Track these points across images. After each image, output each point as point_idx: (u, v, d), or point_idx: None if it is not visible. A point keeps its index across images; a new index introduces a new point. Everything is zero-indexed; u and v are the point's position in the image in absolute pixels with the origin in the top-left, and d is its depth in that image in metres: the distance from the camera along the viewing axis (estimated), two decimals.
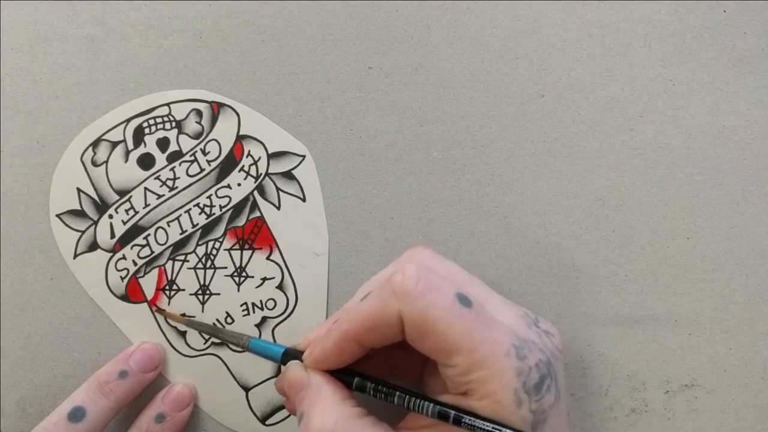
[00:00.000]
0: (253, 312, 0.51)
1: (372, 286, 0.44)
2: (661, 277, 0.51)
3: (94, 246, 0.51)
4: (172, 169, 0.51)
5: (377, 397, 0.42)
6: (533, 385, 0.38)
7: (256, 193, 0.51)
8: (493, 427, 0.37)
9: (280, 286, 0.51)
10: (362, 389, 0.42)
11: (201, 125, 0.51)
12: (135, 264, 0.51)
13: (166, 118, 0.52)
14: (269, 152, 0.52)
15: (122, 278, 0.51)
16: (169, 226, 0.51)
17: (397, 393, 0.41)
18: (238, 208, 0.51)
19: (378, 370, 0.45)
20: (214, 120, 0.52)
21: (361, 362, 0.43)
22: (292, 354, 0.45)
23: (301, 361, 0.44)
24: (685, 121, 0.52)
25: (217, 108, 0.52)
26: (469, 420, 0.38)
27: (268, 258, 0.51)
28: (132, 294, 0.51)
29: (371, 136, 0.52)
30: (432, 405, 0.40)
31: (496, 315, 0.41)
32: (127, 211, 0.51)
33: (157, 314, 0.51)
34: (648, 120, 0.52)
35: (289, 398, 0.44)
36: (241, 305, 0.51)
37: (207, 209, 0.51)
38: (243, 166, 0.51)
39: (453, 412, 0.39)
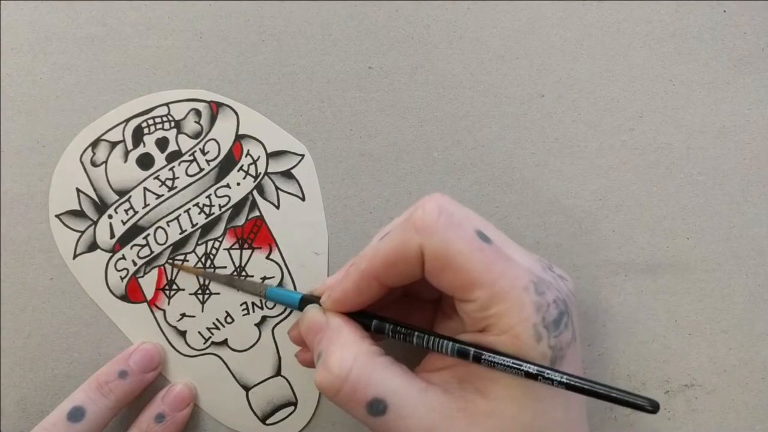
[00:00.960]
0: (253, 311, 0.51)
1: (388, 229, 0.44)
2: (661, 277, 0.51)
3: (93, 246, 0.51)
4: (171, 169, 0.51)
5: (396, 338, 0.42)
6: (552, 320, 0.39)
7: (255, 192, 0.51)
8: (513, 363, 0.38)
9: (280, 286, 0.51)
10: (381, 331, 0.43)
11: (200, 125, 0.51)
12: (135, 264, 0.51)
13: (165, 118, 0.52)
14: (268, 151, 0.52)
15: (122, 278, 0.51)
16: (168, 225, 0.51)
17: (416, 333, 0.41)
18: (237, 208, 0.51)
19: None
20: (213, 120, 0.52)
21: (374, 311, 0.44)
22: (309, 299, 0.46)
23: (319, 305, 0.44)
24: (685, 121, 0.52)
25: (216, 108, 0.52)
26: (489, 356, 0.38)
27: (267, 257, 0.51)
28: (132, 294, 0.51)
29: (371, 136, 0.52)
30: (452, 343, 0.40)
31: (514, 255, 0.41)
32: (126, 211, 0.51)
33: (154, 313, 0.51)
34: (648, 120, 0.52)
35: (307, 342, 0.44)
36: (241, 305, 0.51)
37: (206, 209, 0.51)
38: (242, 165, 0.51)
39: (473, 350, 0.39)
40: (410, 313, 0.46)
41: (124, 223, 0.51)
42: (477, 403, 0.39)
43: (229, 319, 0.51)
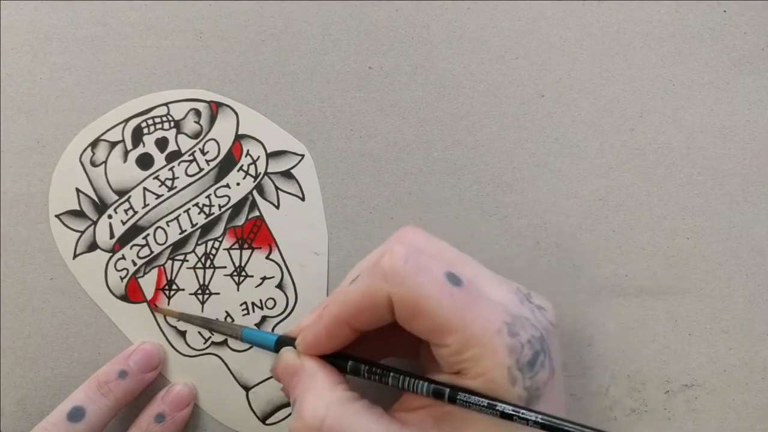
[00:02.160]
0: (253, 311, 0.51)
1: (361, 269, 0.44)
2: (661, 277, 0.51)
3: (93, 246, 0.51)
4: (170, 169, 0.51)
5: (371, 379, 0.42)
6: (526, 362, 0.38)
7: (255, 192, 0.51)
8: (488, 403, 0.37)
9: (280, 286, 0.51)
10: (356, 372, 0.42)
11: (200, 125, 0.51)
12: (134, 264, 0.51)
13: (164, 118, 0.52)
14: (268, 151, 0.52)
15: (122, 278, 0.51)
16: (168, 225, 0.51)
17: (391, 374, 0.41)
18: (237, 208, 0.51)
19: (372, 352, 0.45)
20: (212, 119, 0.52)
21: (355, 346, 0.43)
22: (285, 341, 0.46)
23: (295, 347, 0.44)
24: (685, 121, 0.52)
25: (215, 107, 0.52)
26: (464, 397, 0.38)
27: (267, 257, 0.51)
28: (132, 294, 0.51)
29: (371, 136, 0.52)
30: (426, 384, 0.40)
31: (488, 292, 0.40)
32: (126, 211, 0.51)
33: (156, 314, 0.51)
34: (648, 120, 0.52)
35: (283, 384, 0.44)
36: (241, 305, 0.51)
37: (206, 209, 0.51)
38: (242, 165, 0.51)
39: (448, 390, 0.39)
40: (395, 341, 0.46)
41: (123, 223, 0.51)
42: None
43: (229, 319, 0.51)
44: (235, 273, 0.51)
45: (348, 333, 0.41)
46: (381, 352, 0.46)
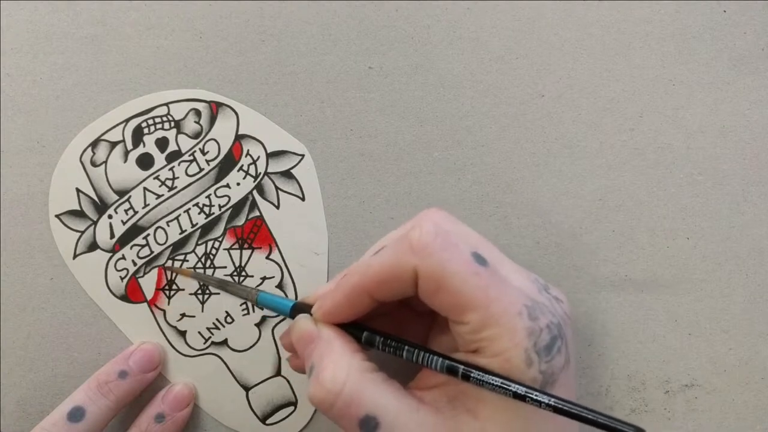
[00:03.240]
0: (253, 311, 0.51)
1: (384, 243, 0.44)
2: (661, 277, 0.51)
3: (93, 246, 0.51)
4: (171, 169, 0.51)
5: (386, 351, 0.42)
6: (544, 345, 0.38)
7: (255, 192, 0.51)
8: (501, 383, 0.37)
9: (280, 286, 0.51)
10: (371, 343, 0.42)
11: (200, 125, 0.51)
12: (134, 264, 0.51)
13: (164, 118, 0.52)
14: (268, 151, 0.52)
15: (122, 278, 0.51)
16: (168, 225, 0.51)
17: (406, 347, 0.41)
18: (237, 208, 0.51)
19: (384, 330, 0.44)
20: (212, 120, 0.52)
21: (367, 322, 0.43)
22: (300, 307, 0.45)
23: (311, 314, 0.44)
24: (685, 121, 0.52)
25: (215, 108, 0.52)
26: (478, 375, 0.38)
27: (267, 257, 0.51)
28: (132, 294, 0.51)
29: (371, 136, 0.52)
30: (441, 359, 0.40)
31: (509, 276, 0.41)
32: (126, 211, 0.51)
33: (154, 313, 0.51)
34: (648, 120, 0.52)
35: (298, 352, 0.44)
36: (241, 305, 0.51)
37: (206, 209, 0.51)
38: (242, 165, 0.51)
39: (462, 367, 0.39)
40: (405, 324, 0.46)
41: (123, 223, 0.51)
42: (467, 423, 0.39)
43: (229, 319, 0.51)
44: (235, 273, 0.51)
45: (367, 302, 0.42)
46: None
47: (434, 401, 0.40)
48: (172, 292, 0.51)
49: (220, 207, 0.51)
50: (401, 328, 0.46)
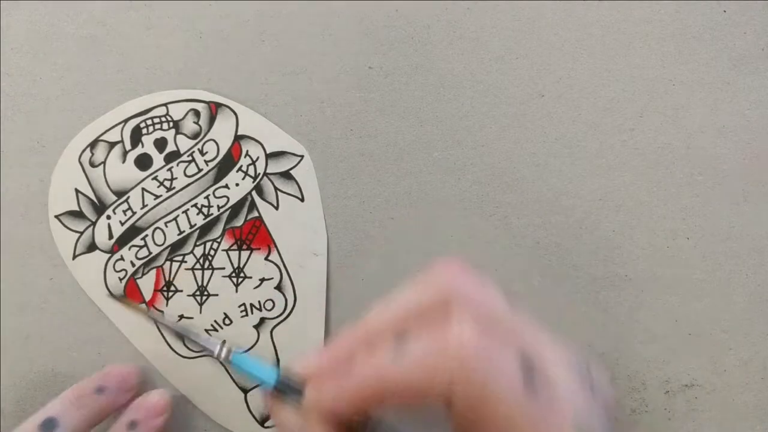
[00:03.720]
0: (252, 313, 0.51)
1: (404, 317, 0.34)
2: (661, 277, 0.51)
3: (92, 247, 0.51)
4: (169, 170, 0.51)
5: None
6: None
7: (254, 193, 0.51)
8: None
9: (279, 287, 0.51)
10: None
11: (199, 125, 0.51)
12: (133, 265, 0.51)
13: (163, 119, 0.52)
14: (267, 152, 0.52)
15: (120, 279, 0.51)
16: (166, 226, 0.51)
17: None
18: (236, 209, 0.51)
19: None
20: (211, 120, 0.51)
21: None
22: (288, 385, 0.37)
23: (298, 389, 0.36)
24: (685, 121, 0.51)
25: (215, 108, 0.52)
26: None
27: (266, 258, 0.51)
28: (131, 295, 0.51)
29: (371, 136, 0.52)
30: None
31: (556, 383, 0.33)
32: (124, 212, 0.51)
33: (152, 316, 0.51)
34: (648, 120, 0.52)
35: None
36: (239, 306, 0.51)
37: (205, 209, 0.51)
38: (241, 166, 0.51)
39: None
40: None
41: (122, 224, 0.51)
42: None
43: (227, 321, 0.51)
44: (233, 274, 0.51)
45: (376, 409, 0.35)
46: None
47: None
48: (171, 294, 0.51)
49: (218, 208, 0.51)
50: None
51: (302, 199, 0.51)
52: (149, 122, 0.51)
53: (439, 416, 0.32)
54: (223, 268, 0.51)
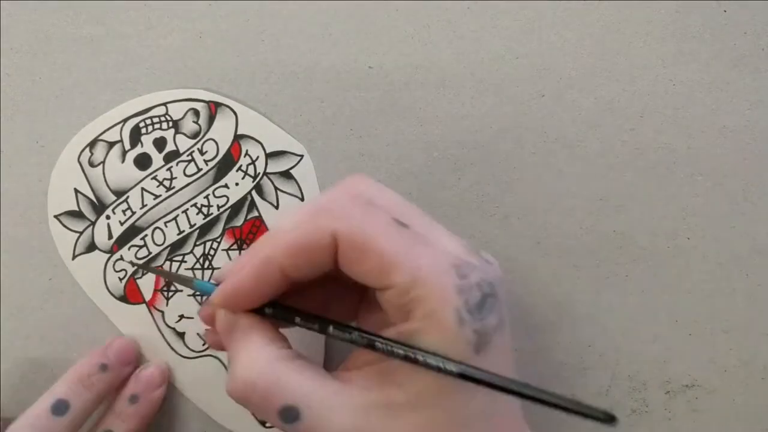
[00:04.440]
0: None
1: (296, 215, 0.40)
2: (661, 277, 0.51)
3: (92, 247, 0.51)
4: (169, 169, 0.51)
5: (300, 325, 0.40)
6: (475, 303, 0.36)
7: (254, 192, 0.51)
8: (405, 351, 0.36)
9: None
10: (290, 321, 0.40)
11: (198, 125, 0.51)
12: (133, 265, 0.51)
13: (162, 118, 0.51)
14: (267, 152, 0.51)
15: (120, 279, 0.51)
16: (166, 226, 0.51)
17: (318, 321, 0.39)
18: (235, 208, 0.51)
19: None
20: (211, 119, 0.51)
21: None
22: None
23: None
24: (685, 121, 0.51)
25: (214, 107, 0.52)
26: (384, 343, 0.37)
27: None
28: (130, 295, 0.51)
29: (371, 136, 0.52)
30: (358, 333, 0.38)
31: (437, 239, 0.39)
32: (124, 211, 0.51)
33: (153, 314, 0.51)
34: (648, 120, 0.51)
35: (224, 342, 0.41)
36: None
37: (204, 209, 0.51)
38: (241, 165, 0.51)
39: (358, 333, 0.38)
40: (331, 302, 0.44)
41: (121, 224, 0.51)
42: (397, 397, 0.37)
43: None
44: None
45: (278, 282, 0.39)
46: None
47: (364, 379, 0.38)
48: (171, 294, 0.51)
49: (218, 207, 0.51)
50: (327, 308, 0.44)
51: (302, 199, 0.51)
52: (148, 122, 0.51)
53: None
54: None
